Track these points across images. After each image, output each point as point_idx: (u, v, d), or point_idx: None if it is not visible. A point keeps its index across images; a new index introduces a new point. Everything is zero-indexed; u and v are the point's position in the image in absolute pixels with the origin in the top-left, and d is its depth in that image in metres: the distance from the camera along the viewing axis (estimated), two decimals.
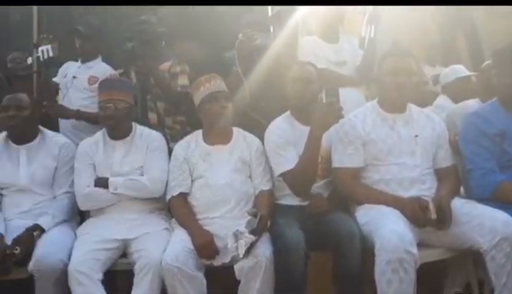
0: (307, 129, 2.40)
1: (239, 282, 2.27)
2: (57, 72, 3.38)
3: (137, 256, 2.32)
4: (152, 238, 2.39)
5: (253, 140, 2.61)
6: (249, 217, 2.31)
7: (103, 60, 3.23)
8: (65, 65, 3.26)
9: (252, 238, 2.23)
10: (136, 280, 2.28)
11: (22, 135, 2.58)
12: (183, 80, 3.03)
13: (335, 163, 2.46)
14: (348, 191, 2.44)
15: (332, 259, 2.27)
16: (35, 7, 3.58)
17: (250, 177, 2.55)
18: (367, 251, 2.22)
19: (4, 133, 2.61)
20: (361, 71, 2.94)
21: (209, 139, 2.59)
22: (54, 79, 3.23)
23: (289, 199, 2.50)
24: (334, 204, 2.44)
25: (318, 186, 2.49)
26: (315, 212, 2.40)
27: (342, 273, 2.24)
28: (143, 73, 2.89)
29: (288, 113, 2.59)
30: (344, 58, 2.97)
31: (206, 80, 2.57)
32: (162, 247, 2.32)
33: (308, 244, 2.24)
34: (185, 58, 3.10)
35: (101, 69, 3.16)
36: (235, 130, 2.64)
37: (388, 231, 2.11)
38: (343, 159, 2.43)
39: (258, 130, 2.70)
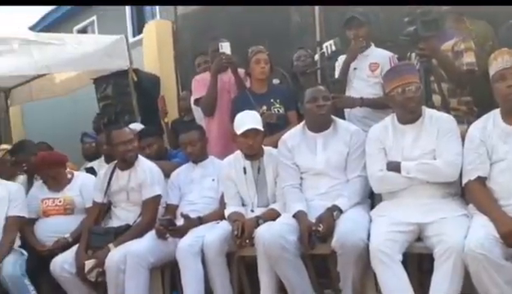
0: None
1: None
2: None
3: (437, 241, 2.28)
4: (451, 223, 2.32)
5: None
6: None
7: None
8: (339, 59, 3.41)
9: None
10: (436, 264, 2.25)
11: (322, 124, 2.82)
12: (469, 58, 2.86)
13: None
14: None
15: None
16: (316, 9, 3.87)
17: None
18: None
19: (302, 123, 2.90)
20: None
21: (509, 119, 2.36)
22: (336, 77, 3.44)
23: None
24: None
25: None
26: None
27: None
28: (426, 55, 2.82)
29: None
30: None
31: (495, 56, 2.35)
32: (462, 233, 2.23)
33: None
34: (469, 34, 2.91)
35: (378, 54, 3.25)
36: None
37: None
38: None
39: None
